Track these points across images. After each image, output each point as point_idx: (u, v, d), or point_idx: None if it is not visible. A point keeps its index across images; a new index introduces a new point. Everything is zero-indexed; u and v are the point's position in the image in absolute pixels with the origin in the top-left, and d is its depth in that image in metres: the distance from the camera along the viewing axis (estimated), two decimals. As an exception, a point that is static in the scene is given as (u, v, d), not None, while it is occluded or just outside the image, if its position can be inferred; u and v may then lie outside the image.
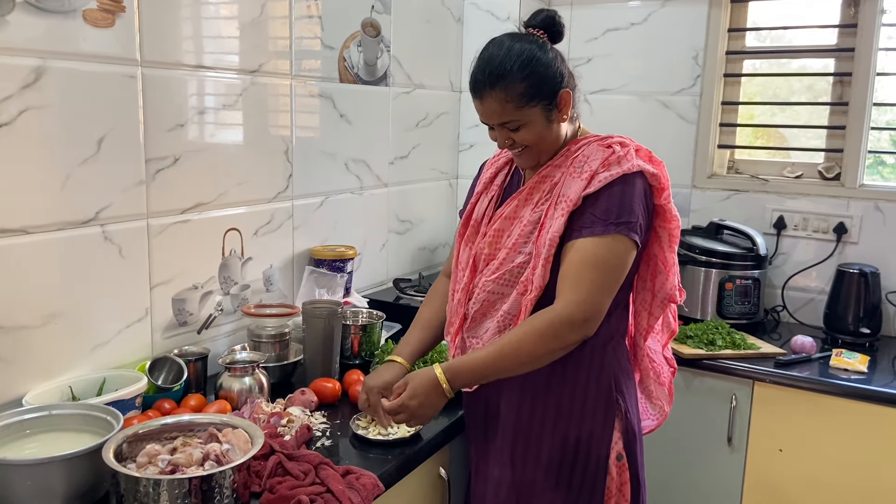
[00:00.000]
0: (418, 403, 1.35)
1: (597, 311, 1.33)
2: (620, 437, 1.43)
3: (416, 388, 1.35)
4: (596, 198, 1.34)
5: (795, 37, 2.50)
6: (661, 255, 1.46)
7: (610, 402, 1.42)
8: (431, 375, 1.35)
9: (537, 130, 1.38)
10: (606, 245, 1.32)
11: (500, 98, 1.35)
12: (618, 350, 1.47)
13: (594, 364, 1.42)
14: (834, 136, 2.44)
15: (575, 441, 1.41)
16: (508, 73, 1.34)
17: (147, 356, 1.66)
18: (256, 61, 1.88)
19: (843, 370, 2.02)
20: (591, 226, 1.33)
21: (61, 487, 1.17)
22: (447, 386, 1.34)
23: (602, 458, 1.41)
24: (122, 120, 1.56)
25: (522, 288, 1.39)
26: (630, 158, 1.36)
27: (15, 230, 1.40)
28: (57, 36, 1.42)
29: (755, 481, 2.06)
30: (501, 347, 1.34)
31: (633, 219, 1.33)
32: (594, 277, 1.32)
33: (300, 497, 1.22)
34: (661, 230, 1.44)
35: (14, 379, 1.42)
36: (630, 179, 1.35)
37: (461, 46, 2.74)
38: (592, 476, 1.41)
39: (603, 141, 1.41)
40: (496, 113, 1.38)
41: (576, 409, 1.41)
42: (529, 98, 1.35)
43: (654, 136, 2.60)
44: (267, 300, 1.99)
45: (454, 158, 2.81)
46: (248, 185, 1.89)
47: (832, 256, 2.39)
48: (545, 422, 1.42)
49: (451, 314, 1.52)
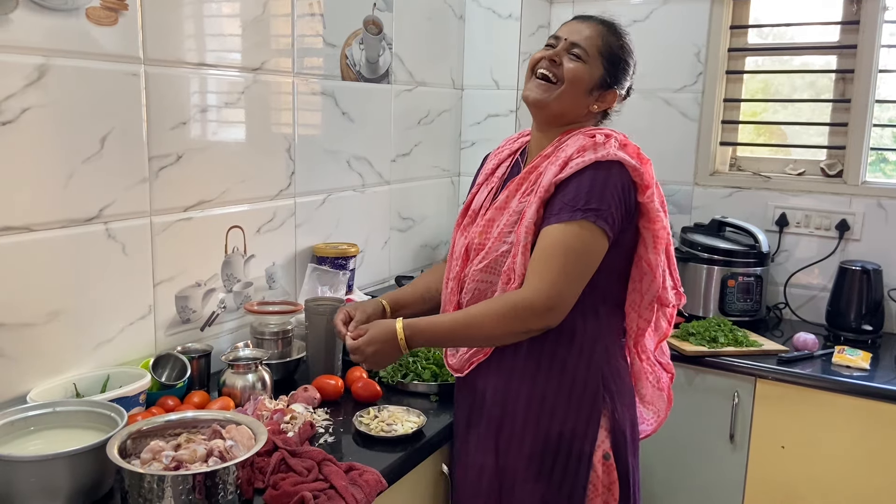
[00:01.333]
0: (373, 351, 1.38)
1: (561, 299, 1.31)
2: (608, 436, 1.40)
3: (375, 336, 1.38)
4: (567, 184, 1.34)
5: (798, 33, 2.50)
6: (645, 256, 1.42)
7: (596, 401, 1.40)
8: (391, 328, 1.37)
9: (583, 78, 1.41)
10: (572, 232, 1.31)
11: (600, 32, 1.42)
12: (610, 349, 1.44)
13: (582, 360, 1.40)
14: (836, 132, 2.44)
15: (558, 435, 1.39)
16: (618, 34, 1.44)
17: (150, 353, 1.67)
18: (259, 59, 1.88)
19: (845, 367, 2.02)
20: (559, 212, 1.33)
21: (66, 484, 1.17)
22: (403, 342, 1.36)
23: (585, 455, 1.39)
24: (125, 118, 1.56)
25: (506, 277, 1.38)
26: (607, 147, 1.35)
27: (19, 228, 1.40)
28: (60, 34, 1.42)
29: (757, 478, 2.07)
30: (463, 319, 1.36)
31: (603, 206, 1.31)
32: (559, 265, 1.30)
33: (303, 493, 1.22)
34: (644, 231, 1.40)
35: (18, 376, 1.43)
36: (604, 167, 1.33)
37: (463, 44, 2.74)
38: (574, 471, 1.39)
39: (589, 131, 1.42)
40: (584, 35, 1.42)
41: (560, 404, 1.39)
42: (607, 58, 1.42)
43: (656, 134, 2.61)
44: (270, 297, 1.99)
45: (456, 156, 2.81)
46: (250, 183, 1.90)
47: (834, 253, 2.39)
48: (529, 413, 1.41)
49: (445, 302, 1.52)
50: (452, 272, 1.49)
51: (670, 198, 2.61)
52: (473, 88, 2.76)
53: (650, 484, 2.20)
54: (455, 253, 1.51)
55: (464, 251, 1.48)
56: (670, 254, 1.46)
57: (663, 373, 1.58)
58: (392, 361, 1.42)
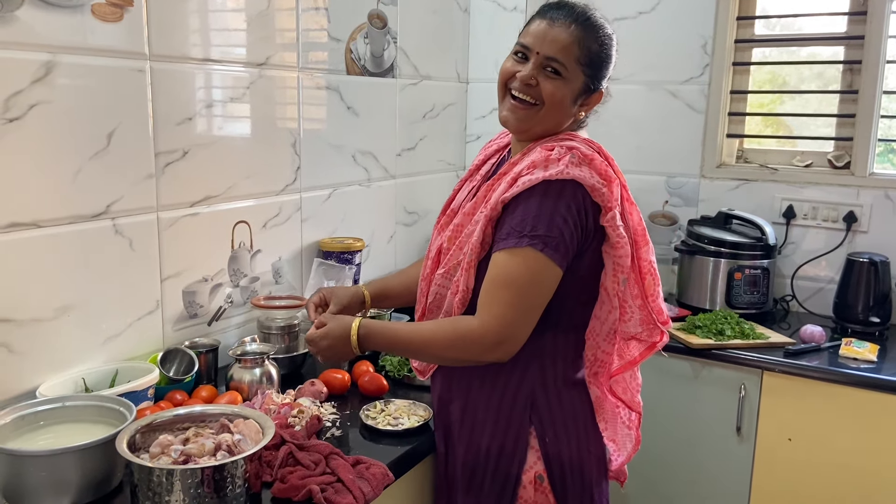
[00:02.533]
0: (327, 345, 1.36)
1: (511, 333, 1.23)
2: (539, 459, 1.33)
3: (331, 330, 1.36)
4: (515, 205, 1.24)
5: (805, 24, 2.48)
6: (605, 283, 1.32)
7: (523, 423, 1.33)
8: (347, 326, 1.34)
9: (563, 93, 1.29)
10: (517, 262, 1.22)
11: (577, 37, 1.27)
12: (546, 371, 1.34)
13: (512, 381, 1.34)
14: (844, 124, 2.42)
15: (486, 450, 1.35)
16: (597, 29, 1.29)
17: (158, 348, 1.68)
18: (264, 54, 1.88)
19: (852, 359, 2.01)
20: (506, 237, 1.24)
21: (75, 478, 1.18)
22: (356, 342, 1.33)
23: (513, 475, 1.33)
24: (131, 114, 1.57)
25: (455, 288, 1.34)
26: (560, 164, 1.22)
27: (27, 224, 1.41)
28: (66, 31, 1.43)
29: (764, 471, 2.07)
30: (415, 335, 1.32)
31: (552, 233, 1.21)
32: (506, 297, 1.22)
33: (311, 486, 1.23)
34: (605, 256, 1.30)
35: (28, 371, 1.44)
36: (553, 187, 1.22)
37: (468, 37, 2.73)
38: (500, 488, 1.34)
39: (557, 142, 1.29)
40: (560, 45, 1.26)
41: (489, 421, 1.35)
42: (588, 63, 1.28)
43: (662, 126, 2.60)
44: (276, 292, 2.00)
45: (461, 150, 2.81)
46: (256, 178, 1.90)
47: (842, 245, 2.37)
48: (463, 425, 1.38)
49: (417, 300, 1.49)
50: (424, 272, 1.45)
51: (677, 190, 2.60)
52: (478, 82, 2.76)
53: (656, 477, 2.20)
54: (430, 253, 1.45)
55: (436, 253, 1.42)
56: (646, 284, 1.34)
57: (633, 414, 1.48)
58: (344, 359, 1.41)
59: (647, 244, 1.35)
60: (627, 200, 1.32)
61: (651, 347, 1.42)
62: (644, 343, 1.42)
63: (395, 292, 1.60)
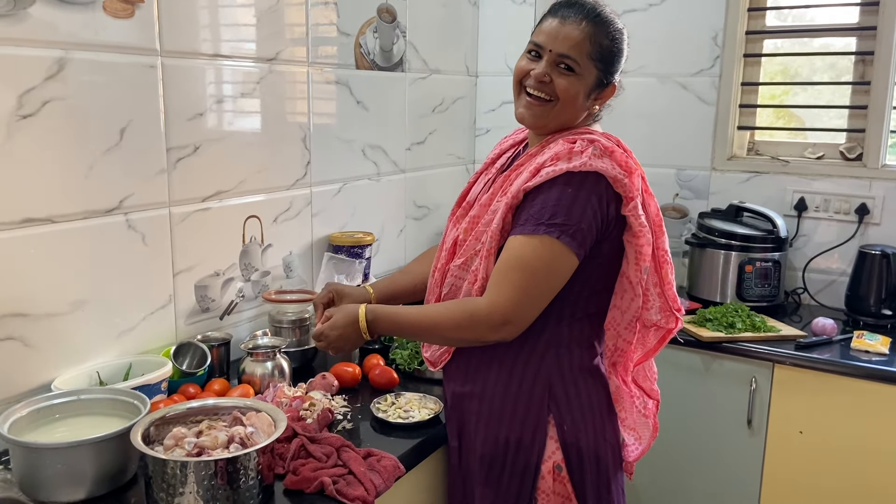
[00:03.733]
0: (337, 335, 1.39)
1: (518, 314, 1.26)
2: (558, 448, 1.34)
3: (339, 320, 1.39)
4: (536, 194, 1.27)
5: (817, 14, 2.46)
6: (627, 273, 1.35)
7: (542, 412, 1.34)
8: (354, 313, 1.37)
9: (577, 89, 1.31)
10: (533, 246, 1.24)
11: (589, 33, 1.29)
12: (562, 359, 1.36)
13: (529, 370, 1.35)
14: (856, 115, 2.40)
15: (505, 442, 1.36)
16: (608, 24, 1.31)
17: (171, 342, 1.69)
18: (273, 49, 1.89)
19: (864, 352, 2.00)
20: (524, 223, 1.26)
21: (91, 470, 1.20)
22: (365, 326, 1.36)
23: (532, 465, 1.34)
24: (143, 110, 1.58)
25: (472, 277, 1.35)
26: (584, 156, 1.25)
27: (41, 219, 1.42)
28: (78, 27, 1.44)
29: (775, 464, 2.06)
30: (422, 317, 1.35)
31: (571, 221, 1.23)
32: (518, 279, 1.25)
33: (323, 478, 1.24)
34: (627, 245, 1.33)
35: (43, 365, 1.46)
36: (576, 178, 1.25)
37: (477, 31, 2.73)
38: (520, 480, 1.35)
39: (575, 135, 1.32)
40: (572, 42, 1.29)
41: (507, 412, 1.36)
42: (601, 58, 1.31)
43: (672, 119, 2.59)
44: (287, 286, 2.01)
45: (471, 143, 2.81)
46: (266, 173, 1.91)
47: (854, 238, 2.36)
48: (480, 417, 1.39)
49: (429, 291, 1.50)
50: (439, 263, 1.46)
51: (687, 183, 2.59)
52: (488, 75, 2.75)
53: (667, 470, 2.20)
54: (445, 244, 1.46)
55: (452, 244, 1.43)
56: (664, 273, 1.38)
57: (648, 399, 1.51)
58: (355, 347, 1.43)
59: (664, 234, 1.38)
60: (646, 192, 1.34)
61: (667, 334, 1.44)
62: (661, 330, 1.44)
63: (402, 292, 1.62)
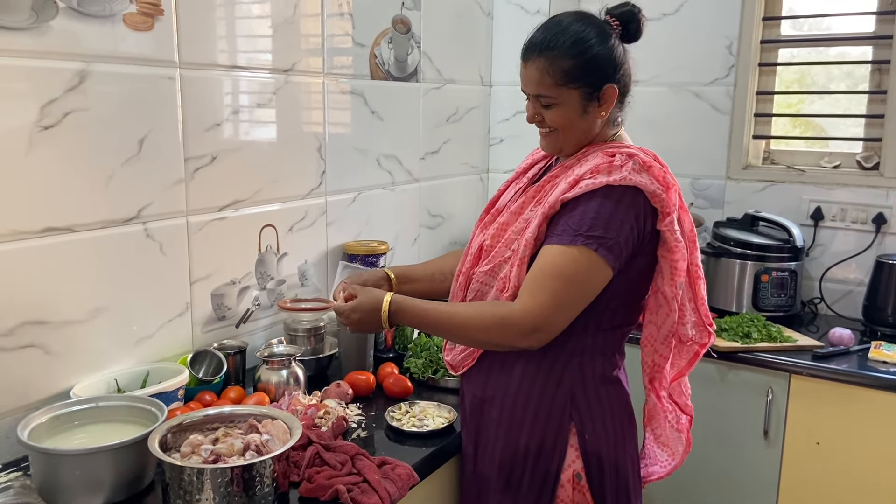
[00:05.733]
0: (358, 318, 1.40)
1: (549, 323, 1.26)
2: (578, 457, 1.34)
3: (361, 303, 1.40)
4: (574, 205, 1.28)
5: (833, 23, 2.46)
6: (661, 287, 1.36)
7: (564, 420, 1.34)
8: (378, 299, 1.38)
9: (568, 115, 1.34)
10: (570, 256, 1.25)
11: (543, 68, 1.32)
12: (585, 368, 1.36)
13: (552, 378, 1.35)
14: (872, 124, 2.39)
15: (525, 449, 1.36)
16: (559, 46, 1.31)
17: (188, 350, 1.70)
18: (289, 60, 1.91)
19: (881, 363, 1.98)
20: (561, 233, 1.27)
21: (109, 476, 1.21)
22: (386, 316, 1.37)
23: (552, 473, 1.35)
24: (161, 120, 1.60)
25: (501, 285, 1.36)
26: (623, 170, 1.27)
27: (62, 228, 1.44)
28: (99, 40, 1.46)
29: (792, 475, 2.04)
30: (451, 315, 1.34)
31: (609, 235, 1.25)
32: (552, 288, 1.25)
33: (338, 486, 1.25)
34: (662, 260, 1.34)
35: (62, 372, 1.48)
36: (615, 192, 1.26)
37: (491, 40, 2.74)
38: (539, 488, 1.35)
39: (613, 148, 1.33)
40: (534, 82, 1.34)
41: (528, 419, 1.36)
42: (571, 78, 1.31)
43: (686, 128, 2.58)
44: (302, 295, 2.02)
45: (485, 153, 2.82)
46: (282, 182, 1.93)
47: (871, 247, 2.34)
48: (501, 423, 1.38)
49: (452, 294, 1.51)
50: (464, 267, 1.47)
51: (702, 192, 2.58)
52: (502, 85, 2.76)
53: (684, 481, 2.18)
54: (470, 249, 1.48)
55: (478, 249, 1.45)
56: (697, 288, 1.39)
57: (682, 414, 1.51)
58: (373, 331, 1.46)
59: (697, 249, 1.38)
60: (682, 207, 1.35)
61: (700, 349, 1.45)
62: (695, 345, 1.45)
63: (418, 277, 1.64)
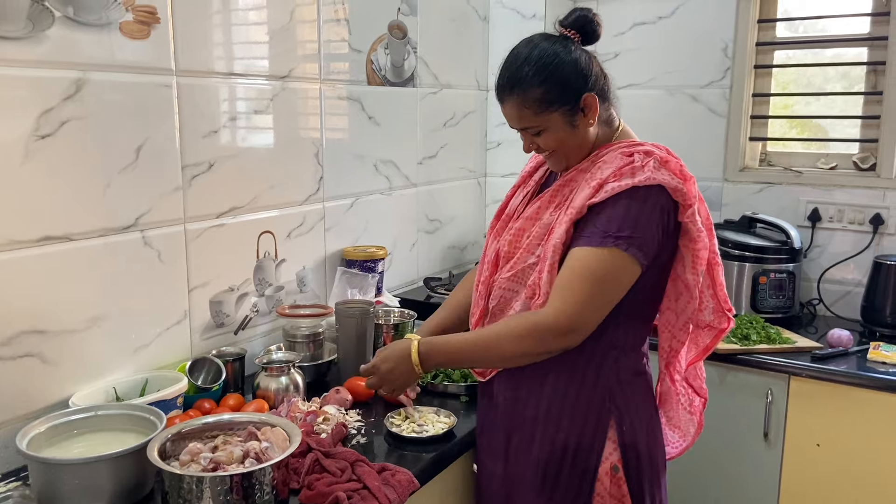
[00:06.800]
0: (388, 369, 1.39)
1: (582, 323, 1.28)
2: (616, 449, 1.37)
3: (389, 354, 1.39)
4: (601, 208, 1.30)
5: (829, 25, 2.46)
6: (682, 276, 1.39)
7: (602, 414, 1.36)
8: (406, 346, 1.38)
9: (558, 136, 1.36)
10: (601, 258, 1.27)
11: (518, 103, 1.34)
12: (620, 362, 1.39)
13: (589, 373, 1.37)
14: (869, 125, 2.39)
15: (563, 445, 1.37)
16: (525, 78, 1.32)
17: (187, 357, 1.70)
18: (286, 66, 1.91)
19: (881, 363, 1.98)
20: (589, 236, 1.29)
21: (108, 485, 1.21)
22: (417, 360, 1.36)
23: (591, 468, 1.36)
24: (159, 128, 1.60)
25: (530, 291, 1.36)
26: (646, 170, 1.29)
27: (59, 237, 1.44)
28: (95, 48, 1.46)
29: (793, 477, 2.04)
30: (479, 339, 1.35)
31: (637, 234, 1.27)
32: (584, 289, 1.27)
33: (338, 493, 1.24)
34: (684, 249, 1.37)
35: (61, 381, 1.47)
36: (641, 193, 1.28)
37: (487, 45, 2.75)
38: (578, 483, 1.36)
39: (631, 147, 1.35)
40: (515, 118, 1.37)
41: (565, 415, 1.37)
42: (548, 104, 1.33)
43: (683, 130, 2.59)
44: (301, 301, 2.02)
45: (482, 157, 2.82)
46: (280, 189, 1.93)
47: (869, 248, 2.35)
48: (536, 423, 1.39)
49: (473, 305, 1.51)
50: (482, 276, 1.48)
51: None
52: (498, 89, 2.77)
53: (683, 484, 2.18)
54: (487, 257, 1.49)
55: (495, 257, 1.46)
56: (715, 274, 1.42)
57: (696, 396, 1.53)
58: (408, 383, 1.41)
59: (714, 236, 1.41)
60: (699, 198, 1.38)
61: (720, 334, 1.47)
62: (714, 330, 1.47)
63: (448, 319, 1.60)
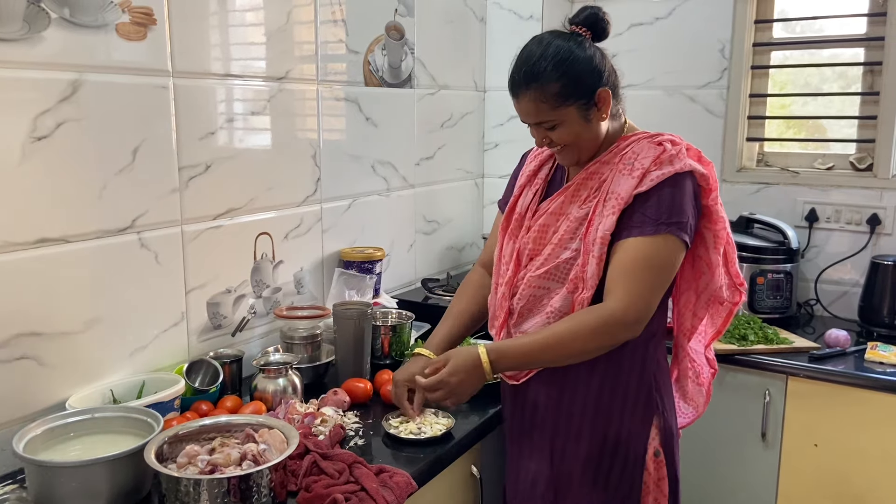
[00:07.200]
0: (458, 381, 1.38)
1: (647, 311, 1.34)
2: (658, 433, 1.43)
3: (458, 365, 1.38)
4: (647, 197, 1.34)
5: (826, 25, 2.47)
6: (705, 256, 1.45)
7: (650, 401, 1.42)
8: (474, 354, 1.37)
9: (574, 130, 1.38)
10: (656, 245, 1.32)
11: (535, 98, 1.36)
12: (657, 349, 1.46)
13: (635, 362, 1.42)
14: (866, 126, 2.40)
15: (615, 438, 1.41)
16: (542, 73, 1.35)
17: (184, 359, 1.70)
18: (283, 68, 1.91)
19: (878, 363, 1.99)
20: (640, 225, 1.33)
21: (105, 488, 1.20)
22: (489, 367, 1.36)
23: (640, 455, 1.41)
24: (155, 129, 1.60)
25: (573, 286, 1.38)
26: (682, 157, 1.35)
27: (56, 239, 1.44)
28: (92, 50, 1.46)
29: (790, 477, 2.04)
30: (551, 338, 1.35)
31: (684, 219, 1.33)
32: (645, 278, 1.32)
33: (335, 495, 1.24)
34: (706, 231, 1.43)
35: (58, 383, 1.47)
36: (680, 179, 1.34)
37: (484, 46, 2.74)
38: (630, 473, 1.42)
39: (653, 138, 1.40)
40: (531, 113, 1.38)
41: (616, 407, 1.41)
42: (564, 98, 1.35)
43: (680, 131, 2.52)
44: (298, 302, 2.02)
45: (479, 158, 2.82)
46: (277, 190, 1.92)
47: (866, 248, 2.35)
48: (584, 418, 1.42)
49: (496, 308, 1.51)
50: (503, 277, 1.49)
51: (696, 195, 2.59)
52: (496, 90, 2.77)
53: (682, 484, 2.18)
54: (504, 258, 1.50)
55: (515, 256, 1.47)
56: (728, 251, 1.47)
57: (704, 368, 1.58)
58: (475, 391, 1.41)
59: (725, 215, 1.46)
60: None
61: (733, 308, 1.51)
62: (728, 305, 1.50)
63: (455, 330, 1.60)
